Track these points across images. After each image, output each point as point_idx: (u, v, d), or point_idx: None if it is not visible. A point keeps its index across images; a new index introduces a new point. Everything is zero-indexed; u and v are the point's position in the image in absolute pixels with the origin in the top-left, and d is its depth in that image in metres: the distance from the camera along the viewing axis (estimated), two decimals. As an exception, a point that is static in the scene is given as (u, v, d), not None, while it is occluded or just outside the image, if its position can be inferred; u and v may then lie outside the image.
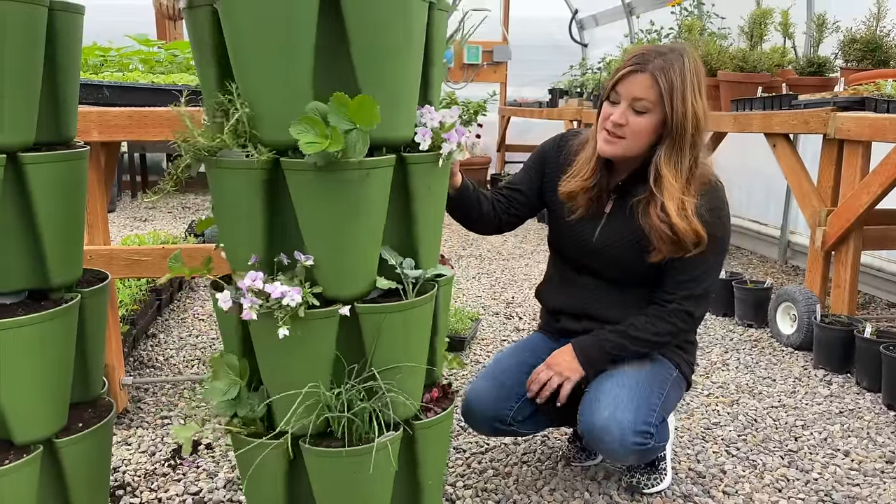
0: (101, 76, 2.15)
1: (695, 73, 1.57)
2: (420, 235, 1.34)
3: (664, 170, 1.58)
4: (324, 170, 1.16)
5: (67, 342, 1.37)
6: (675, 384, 1.76)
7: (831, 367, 2.74)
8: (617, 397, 1.61)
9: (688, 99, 1.55)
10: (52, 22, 1.30)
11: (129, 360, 2.69)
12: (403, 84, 1.25)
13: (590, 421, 1.61)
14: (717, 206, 1.63)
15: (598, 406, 1.61)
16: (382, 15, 1.17)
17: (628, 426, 1.57)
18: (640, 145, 1.61)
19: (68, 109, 1.41)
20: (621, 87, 1.59)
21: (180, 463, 2.00)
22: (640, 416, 1.60)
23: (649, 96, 1.55)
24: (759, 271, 4.33)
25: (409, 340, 1.34)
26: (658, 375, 1.71)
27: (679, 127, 1.56)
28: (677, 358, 1.78)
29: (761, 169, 4.77)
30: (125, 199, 6.61)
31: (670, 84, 1.54)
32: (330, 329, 1.27)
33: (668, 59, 1.55)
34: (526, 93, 7.95)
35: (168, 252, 2.07)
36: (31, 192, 1.29)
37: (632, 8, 6.81)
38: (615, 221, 1.70)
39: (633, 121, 1.58)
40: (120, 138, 1.95)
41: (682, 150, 1.58)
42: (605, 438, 1.59)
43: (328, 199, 1.19)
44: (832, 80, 3.55)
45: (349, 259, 1.25)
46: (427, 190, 1.31)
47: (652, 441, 1.62)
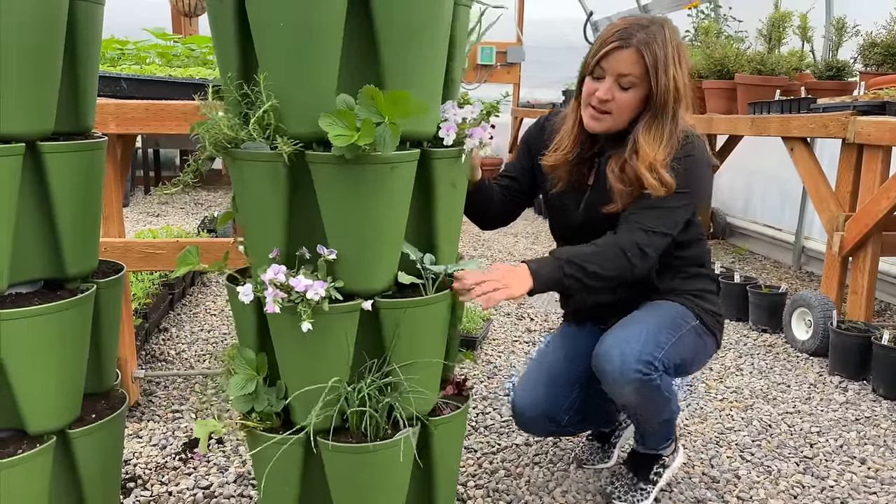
0: (119, 69, 2.15)
1: (675, 45, 1.57)
2: (441, 230, 1.34)
3: (641, 140, 1.58)
4: (350, 163, 1.15)
5: (82, 332, 1.37)
6: (694, 334, 1.69)
7: (847, 374, 2.71)
8: (625, 329, 1.61)
9: (670, 71, 1.55)
10: (73, 12, 1.30)
11: (141, 353, 2.69)
12: (429, 79, 1.24)
13: (596, 350, 1.60)
14: (685, 156, 1.60)
15: (606, 338, 1.60)
16: (413, 12, 1.17)
17: (630, 353, 1.53)
18: (624, 119, 1.62)
19: (87, 100, 1.41)
20: (606, 63, 1.57)
21: (191, 457, 1.99)
22: (647, 348, 1.55)
23: (635, 71, 1.55)
24: (773, 276, 4.29)
25: (429, 336, 1.34)
26: (672, 321, 1.66)
27: (661, 99, 1.57)
28: (696, 308, 1.71)
29: (776, 173, 4.73)
30: (138, 195, 6.64)
31: (654, 58, 1.54)
32: (351, 324, 1.26)
33: (650, 32, 1.55)
34: (539, 94, 7.93)
35: (182, 246, 2.06)
36: (48, 182, 1.29)
37: (647, 10, 6.77)
38: (597, 189, 1.68)
39: (618, 96, 1.58)
40: (137, 131, 1.95)
41: (662, 121, 1.59)
42: (607, 366, 1.55)
43: (353, 192, 1.19)
44: (851, 84, 3.52)
45: (372, 253, 1.24)
46: (450, 185, 1.31)
47: (655, 375, 1.55)
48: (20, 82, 1.19)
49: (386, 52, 1.18)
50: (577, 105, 1.67)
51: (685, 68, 1.60)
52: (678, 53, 1.58)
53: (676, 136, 1.61)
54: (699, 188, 1.64)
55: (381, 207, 1.21)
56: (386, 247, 1.26)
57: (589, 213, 1.69)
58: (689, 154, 1.60)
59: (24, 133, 1.23)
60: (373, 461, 1.29)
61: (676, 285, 1.74)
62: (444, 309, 1.35)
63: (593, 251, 1.54)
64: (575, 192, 1.72)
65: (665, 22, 1.59)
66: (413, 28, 1.18)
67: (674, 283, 1.73)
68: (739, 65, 3.85)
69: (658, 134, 1.58)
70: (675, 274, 1.74)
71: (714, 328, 1.75)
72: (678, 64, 1.57)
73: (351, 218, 1.21)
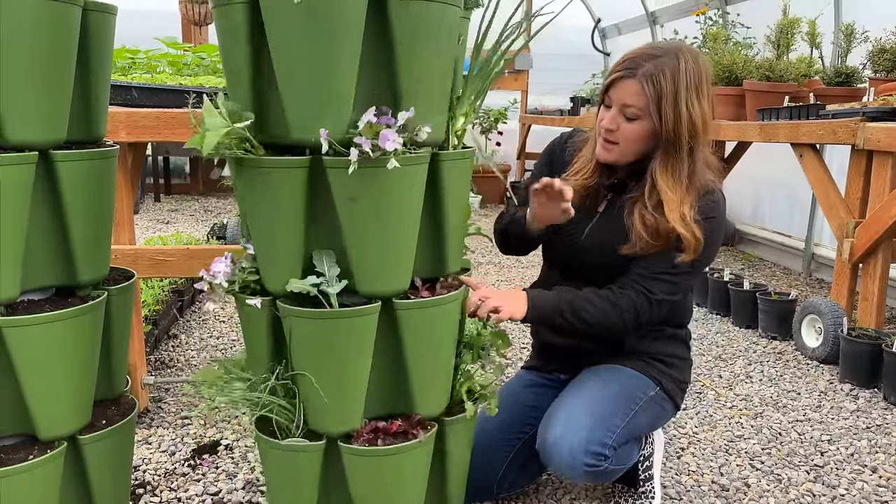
0: (130, 78, 2.17)
1: (692, 76, 1.49)
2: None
3: (660, 180, 1.52)
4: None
5: (94, 339, 1.38)
6: (652, 404, 1.65)
7: (858, 382, 2.69)
8: (572, 414, 1.54)
9: (680, 105, 1.48)
10: (86, 22, 1.32)
11: (150, 359, 2.70)
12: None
13: (542, 437, 1.56)
14: (709, 217, 1.55)
15: (552, 422, 1.55)
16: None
17: (579, 446, 1.49)
18: (634, 150, 1.57)
19: (99, 108, 1.42)
20: (612, 92, 1.55)
21: (200, 463, 2.00)
22: (595, 436, 1.51)
23: (638, 103, 1.50)
24: (782, 283, 4.27)
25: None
26: (628, 393, 1.61)
27: (672, 134, 1.50)
28: (659, 374, 1.67)
29: (785, 180, 4.71)
30: (148, 202, 6.68)
31: (658, 91, 1.47)
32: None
33: (658, 64, 1.48)
34: (547, 101, 7.94)
35: (192, 253, 2.08)
36: (61, 190, 1.30)
37: (655, 17, 6.78)
38: (605, 220, 1.65)
39: (624, 127, 1.54)
40: (147, 139, 1.97)
41: (678, 158, 1.52)
42: (555, 457, 1.52)
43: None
44: (860, 91, 3.51)
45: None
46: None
47: (606, 463, 1.52)
48: (33, 92, 1.21)
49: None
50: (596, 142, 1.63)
51: (705, 100, 1.52)
52: (695, 85, 1.50)
53: (699, 178, 1.55)
54: (712, 254, 1.61)
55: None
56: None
57: (591, 241, 1.65)
58: (712, 216, 1.55)
59: (37, 141, 1.24)
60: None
61: (644, 346, 1.68)
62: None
63: (594, 303, 1.53)
64: (583, 218, 1.66)
65: (681, 51, 1.51)
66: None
67: (642, 344, 1.68)
68: (748, 71, 3.84)
69: (676, 173, 1.52)
70: (648, 330, 1.67)
71: (674, 394, 1.70)
72: (694, 97, 1.49)
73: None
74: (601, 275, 1.64)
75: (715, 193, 1.57)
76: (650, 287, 1.55)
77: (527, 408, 1.74)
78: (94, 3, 1.34)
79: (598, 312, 1.54)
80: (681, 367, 1.72)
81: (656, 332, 1.68)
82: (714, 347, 3.15)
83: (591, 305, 1.54)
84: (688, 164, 1.53)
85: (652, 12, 6.78)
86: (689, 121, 1.50)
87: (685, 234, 1.50)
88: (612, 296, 1.55)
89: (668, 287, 1.56)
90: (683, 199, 1.52)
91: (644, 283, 1.55)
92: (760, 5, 5.15)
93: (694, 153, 1.53)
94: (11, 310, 1.28)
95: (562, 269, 1.75)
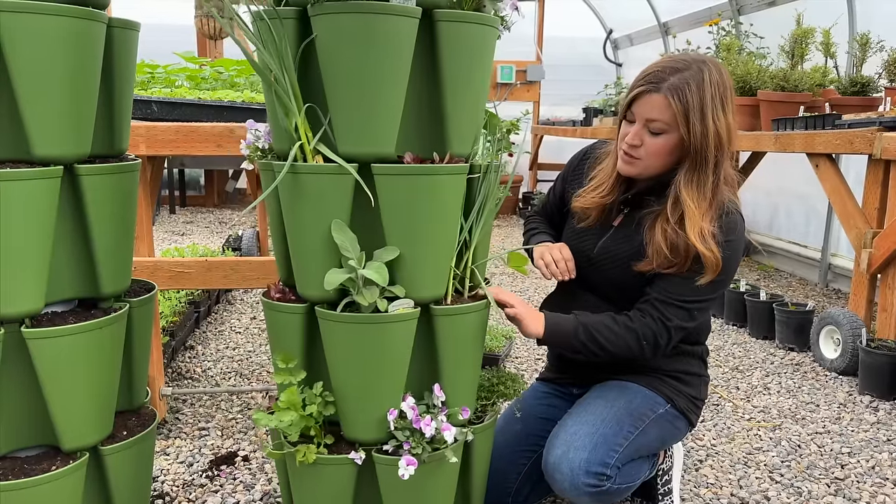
0: (150, 92, 2.20)
1: (717, 88, 1.47)
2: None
3: (684, 193, 1.50)
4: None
5: (115, 350, 1.39)
6: (662, 421, 1.62)
7: (878, 393, 2.66)
8: (574, 434, 1.52)
9: (707, 118, 1.46)
10: (110, 38, 1.34)
11: (167, 370, 2.72)
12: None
13: (545, 458, 1.54)
14: (730, 240, 1.53)
15: (554, 443, 1.54)
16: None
17: (579, 466, 1.47)
18: (658, 165, 1.55)
19: (122, 123, 1.44)
20: (636, 107, 1.52)
21: (218, 474, 2.01)
22: (597, 456, 1.49)
23: (664, 117, 1.48)
24: (799, 294, 4.24)
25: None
26: (635, 411, 1.59)
27: (699, 148, 1.48)
28: (670, 391, 1.65)
29: (800, 189, 4.68)
30: (163, 214, 6.74)
31: (685, 104, 1.45)
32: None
33: (683, 77, 1.46)
34: (559, 111, 7.95)
35: (211, 265, 2.10)
36: (85, 203, 1.32)
37: (667, 28, 6.79)
38: (619, 234, 1.63)
39: (648, 141, 1.52)
40: (167, 152, 1.99)
41: (703, 172, 1.50)
42: (556, 477, 1.50)
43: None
44: (876, 100, 3.49)
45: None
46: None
47: (609, 483, 1.50)
48: (59, 107, 1.23)
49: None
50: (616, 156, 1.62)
51: (730, 113, 1.50)
52: (720, 97, 1.48)
53: (721, 194, 1.53)
54: (730, 277, 1.59)
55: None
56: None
57: (604, 254, 1.64)
58: (731, 238, 1.52)
59: (62, 156, 1.27)
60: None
61: (658, 363, 1.65)
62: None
63: (611, 330, 1.52)
64: (597, 231, 1.66)
65: (706, 63, 1.50)
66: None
67: (656, 360, 1.64)
68: (762, 81, 3.84)
69: (701, 186, 1.50)
70: None
71: (688, 410, 1.67)
72: (720, 109, 1.48)
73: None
74: (614, 289, 1.63)
75: (733, 214, 1.55)
76: (668, 314, 1.53)
77: (541, 420, 1.73)
78: (118, 19, 1.37)
79: (614, 339, 1.53)
80: (695, 384, 1.69)
81: (671, 348, 1.66)
82: (731, 359, 3.13)
83: (608, 332, 1.53)
84: (712, 179, 1.51)
85: (664, 23, 6.79)
86: (716, 134, 1.48)
87: (704, 251, 1.48)
88: (629, 322, 1.54)
89: (685, 314, 1.55)
90: (705, 214, 1.50)
91: (662, 310, 1.53)
92: (774, 15, 5.15)
93: (718, 167, 1.51)
94: (36, 322, 1.30)
95: (578, 280, 1.73)
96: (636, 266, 1.56)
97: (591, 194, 1.65)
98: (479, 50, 1.27)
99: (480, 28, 1.25)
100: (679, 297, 1.53)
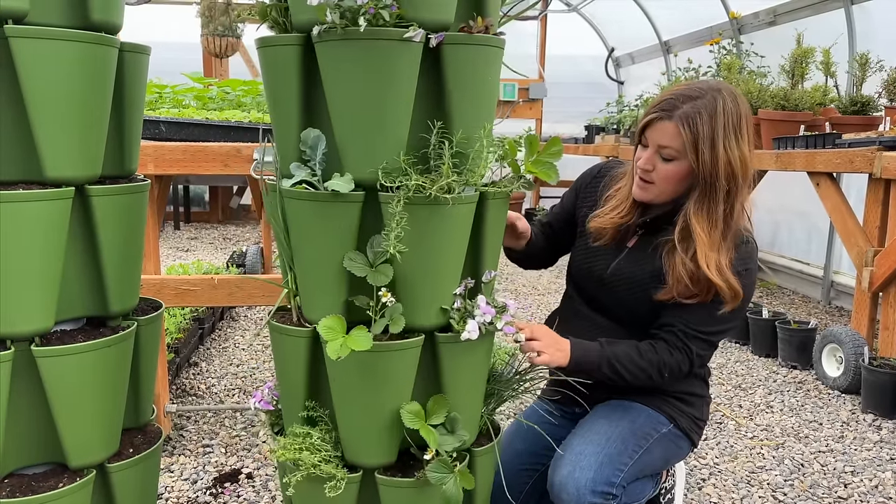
0: (158, 112, 2.24)
1: (731, 118, 1.47)
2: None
3: (693, 221, 1.50)
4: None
5: (123, 368, 1.41)
6: (665, 441, 1.62)
7: (881, 412, 2.66)
8: (581, 454, 1.52)
9: (718, 147, 1.45)
10: (121, 62, 1.37)
11: (172, 387, 2.73)
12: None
13: (550, 478, 1.54)
14: (749, 268, 1.54)
15: (560, 462, 1.54)
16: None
17: (585, 486, 1.47)
18: (670, 191, 1.55)
19: (132, 144, 1.47)
20: (648, 133, 1.52)
21: (221, 491, 2.01)
22: (602, 475, 1.49)
23: (674, 144, 1.48)
24: (801, 311, 4.24)
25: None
26: (638, 431, 1.59)
27: (708, 177, 1.47)
28: (673, 410, 1.64)
29: (803, 207, 4.70)
30: (168, 230, 6.77)
31: (695, 134, 1.45)
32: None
33: (696, 106, 1.46)
34: (561, 129, 8.00)
35: (217, 283, 2.12)
36: (95, 224, 1.34)
37: (669, 46, 6.84)
38: (634, 257, 1.62)
39: (660, 167, 1.52)
40: (175, 171, 2.02)
41: (714, 201, 1.49)
42: (563, 497, 1.50)
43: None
44: (876, 119, 3.52)
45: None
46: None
47: (614, 502, 1.50)
48: (71, 130, 1.26)
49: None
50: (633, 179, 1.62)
51: (744, 142, 1.49)
52: (734, 126, 1.48)
53: (736, 223, 1.53)
54: (750, 299, 1.59)
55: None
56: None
57: (617, 276, 1.63)
58: (751, 266, 1.54)
59: (73, 178, 1.29)
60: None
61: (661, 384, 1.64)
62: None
63: (635, 364, 1.54)
64: (611, 251, 1.65)
65: (720, 92, 1.49)
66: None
67: None
68: (763, 100, 3.87)
69: (711, 215, 1.50)
70: None
71: (690, 430, 1.67)
72: (734, 139, 1.47)
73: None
74: (626, 312, 1.63)
75: (750, 244, 1.56)
76: (692, 345, 1.55)
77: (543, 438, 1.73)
78: (129, 44, 1.39)
79: (637, 372, 1.54)
80: (697, 405, 1.69)
81: None
82: (734, 377, 3.13)
83: (632, 365, 1.54)
84: (724, 207, 1.50)
85: (665, 41, 6.85)
86: (727, 163, 1.47)
87: (720, 284, 1.48)
88: (652, 354, 1.55)
89: (707, 345, 1.57)
90: (719, 246, 1.50)
91: (686, 342, 1.55)
92: (774, 34, 5.20)
93: (731, 196, 1.51)
94: (45, 340, 1.31)
95: (587, 299, 1.73)
96: (656, 295, 1.55)
97: (609, 214, 1.65)
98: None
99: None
100: (703, 328, 1.55)
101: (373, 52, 1.17)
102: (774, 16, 5.17)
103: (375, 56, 1.17)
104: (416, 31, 1.15)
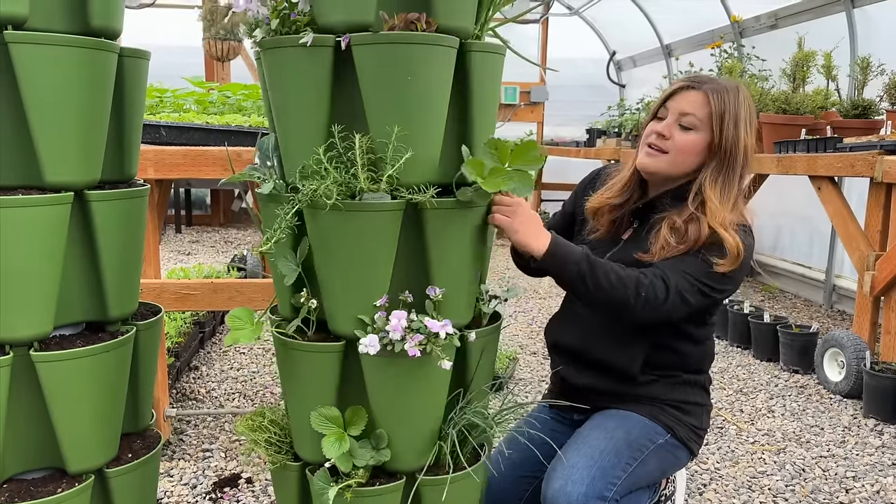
0: (158, 116, 2.24)
1: (749, 111, 1.53)
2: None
3: (709, 191, 1.49)
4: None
5: (122, 373, 1.41)
6: (661, 452, 1.59)
7: (883, 417, 2.65)
8: (573, 467, 1.50)
9: (740, 127, 1.50)
10: (121, 67, 1.37)
11: (172, 391, 2.73)
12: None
13: (544, 491, 1.52)
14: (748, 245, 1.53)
15: (553, 475, 1.51)
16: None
17: (577, 500, 1.44)
18: (682, 163, 1.54)
19: (131, 150, 1.47)
20: (671, 102, 1.55)
21: (221, 496, 2.01)
22: (594, 489, 1.46)
23: (699, 113, 1.51)
24: (803, 315, 4.23)
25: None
26: (634, 442, 1.56)
27: (730, 150, 1.50)
28: (671, 420, 1.61)
29: (804, 211, 4.69)
30: (169, 233, 6.78)
31: (723, 105, 1.49)
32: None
33: (722, 86, 1.52)
34: (563, 132, 8.01)
35: (217, 286, 2.12)
36: (94, 229, 1.35)
37: (670, 49, 6.85)
38: (628, 249, 1.60)
39: (678, 136, 1.52)
40: (175, 176, 2.02)
41: (730, 176, 1.51)
42: None
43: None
44: (878, 123, 3.51)
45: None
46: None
47: None
48: (71, 135, 1.26)
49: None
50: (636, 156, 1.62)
51: (753, 137, 1.54)
52: (750, 118, 1.53)
53: (741, 206, 1.53)
54: (739, 280, 1.57)
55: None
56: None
57: None
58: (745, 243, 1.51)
59: (73, 183, 1.29)
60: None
61: (657, 391, 1.62)
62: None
63: (615, 272, 1.46)
64: (606, 244, 1.64)
65: (740, 87, 1.55)
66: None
67: (655, 388, 1.62)
68: (764, 104, 3.87)
69: (726, 189, 1.50)
70: (663, 375, 1.62)
71: (688, 440, 1.64)
72: (749, 128, 1.53)
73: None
74: None
75: (749, 234, 1.56)
76: (673, 276, 1.47)
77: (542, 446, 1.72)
78: (129, 49, 1.40)
79: (615, 280, 1.45)
80: (697, 414, 1.67)
81: (672, 378, 1.63)
82: (735, 381, 3.13)
83: (612, 271, 1.46)
84: (737, 187, 1.53)
85: (667, 45, 6.85)
86: (745, 147, 1.52)
87: (727, 237, 1.46)
88: (632, 272, 1.48)
89: (688, 285, 1.48)
90: (727, 214, 1.50)
91: (667, 272, 1.48)
92: (775, 38, 5.20)
93: (742, 179, 1.54)
94: (44, 345, 1.31)
95: None
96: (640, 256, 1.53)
97: (604, 194, 1.65)
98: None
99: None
100: (688, 270, 1.48)
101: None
102: (776, 19, 5.17)
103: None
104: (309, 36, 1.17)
